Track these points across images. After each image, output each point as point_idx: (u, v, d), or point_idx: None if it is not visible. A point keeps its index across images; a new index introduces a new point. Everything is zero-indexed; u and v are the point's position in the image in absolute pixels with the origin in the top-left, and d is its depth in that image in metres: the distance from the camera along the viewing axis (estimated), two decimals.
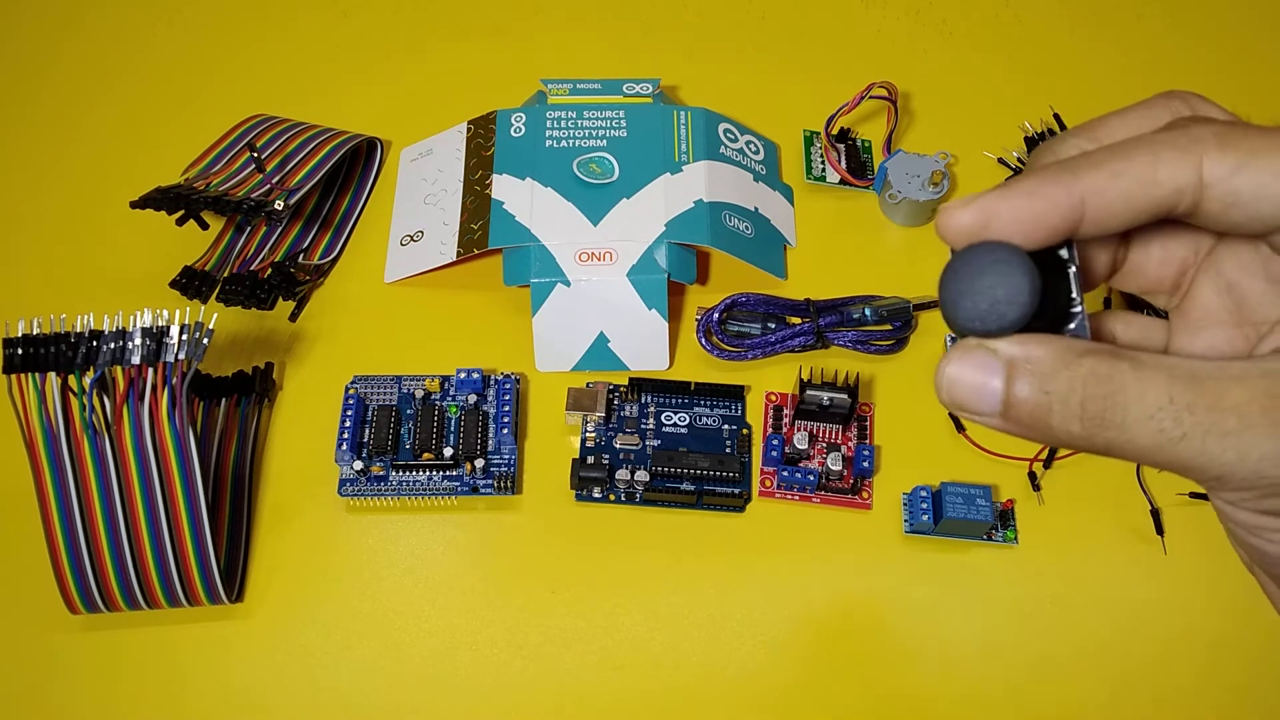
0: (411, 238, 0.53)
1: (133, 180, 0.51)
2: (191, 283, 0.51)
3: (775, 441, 0.46)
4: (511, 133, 0.53)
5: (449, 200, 0.53)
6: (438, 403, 0.47)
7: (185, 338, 0.40)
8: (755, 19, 0.63)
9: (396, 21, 0.62)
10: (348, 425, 0.46)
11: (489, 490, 0.46)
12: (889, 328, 0.50)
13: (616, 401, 0.48)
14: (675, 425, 0.48)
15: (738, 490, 0.46)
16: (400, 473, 0.46)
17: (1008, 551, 0.46)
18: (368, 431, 0.46)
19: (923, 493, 0.45)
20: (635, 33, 0.62)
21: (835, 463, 0.46)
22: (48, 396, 0.39)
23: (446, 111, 0.56)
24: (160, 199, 0.48)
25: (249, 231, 0.53)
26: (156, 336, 0.40)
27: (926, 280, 0.51)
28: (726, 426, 0.48)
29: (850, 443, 0.47)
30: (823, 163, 0.56)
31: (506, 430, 0.46)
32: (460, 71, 0.60)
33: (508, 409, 0.47)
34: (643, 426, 0.47)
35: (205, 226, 0.51)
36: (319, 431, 0.47)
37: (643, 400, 0.48)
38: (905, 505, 0.46)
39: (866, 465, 0.45)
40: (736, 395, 0.48)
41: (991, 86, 0.60)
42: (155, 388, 0.40)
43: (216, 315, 0.44)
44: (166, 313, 0.40)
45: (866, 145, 0.57)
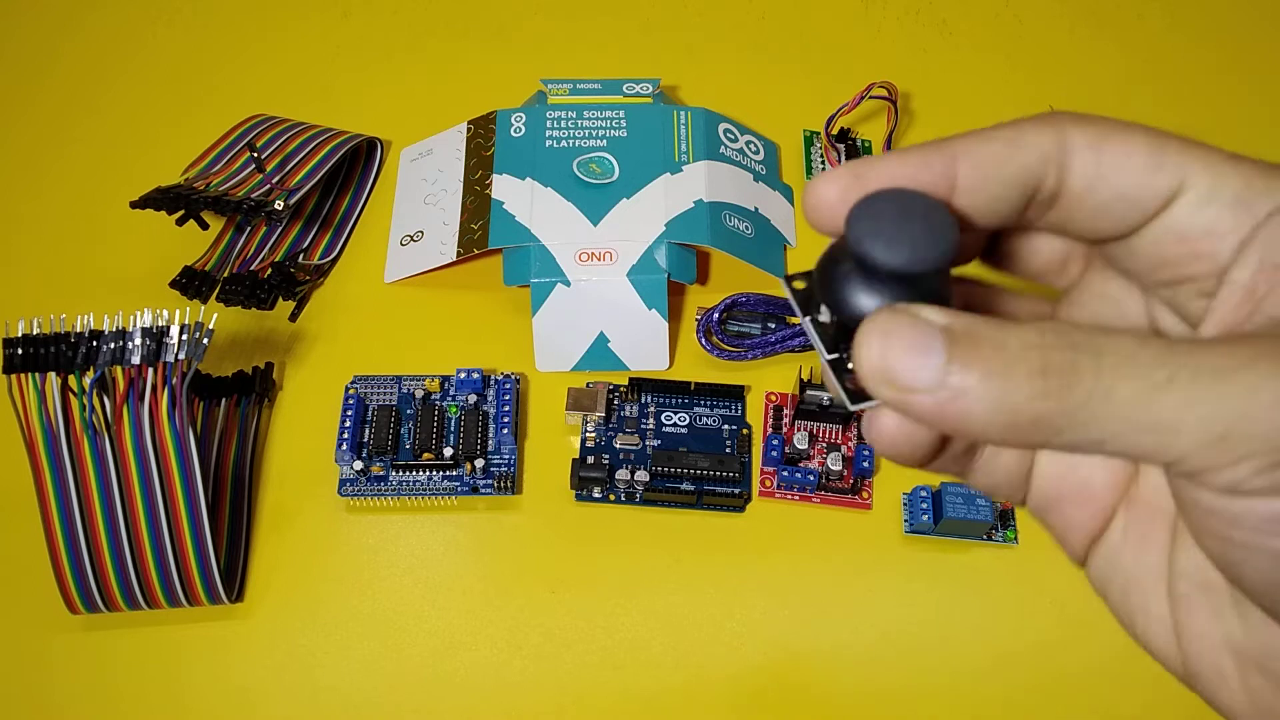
0: (411, 238, 0.53)
1: (133, 180, 0.51)
2: (191, 283, 0.51)
3: (775, 441, 0.46)
4: (511, 133, 0.53)
5: (449, 200, 0.53)
6: (438, 403, 0.47)
7: (185, 338, 0.40)
8: (755, 19, 0.63)
9: (396, 21, 0.62)
10: (348, 425, 0.46)
11: (489, 490, 0.46)
12: None
13: (616, 401, 0.48)
14: (675, 425, 0.48)
15: (738, 490, 0.46)
16: (400, 473, 0.46)
17: (1008, 551, 0.46)
18: (368, 431, 0.46)
19: (923, 493, 0.45)
20: (635, 33, 0.62)
21: (835, 463, 0.46)
22: (48, 396, 0.39)
23: (446, 111, 0.56)
24: (160, 199, 0.48)
25: (249, 231, 0.53)
26: (156, 336, 0.40)
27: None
28: (726, 426, 0.48)
29: (850, 443, 0.47)
30: (823, 163, 0.56)
31: (506, 430, 0.46)
32: (460, 71, 0.60)
33: (508, 409, 0.47)
34: (643, 426, 0.47)
35: (205, 226, 0.51)
36: (319, 431, 0.47)
37: (643, 400, 0.48)
38: (905, 505, 0.46)
39: (866, 465, 0.45)
40: (736, 395, 0.48)
41: (991, 86, 0.60)
42: (155, 388, 0.40)
43: (216, 315, 0.44)
44: (166, 313, 0.40)
45: (866, 145, 0.57)
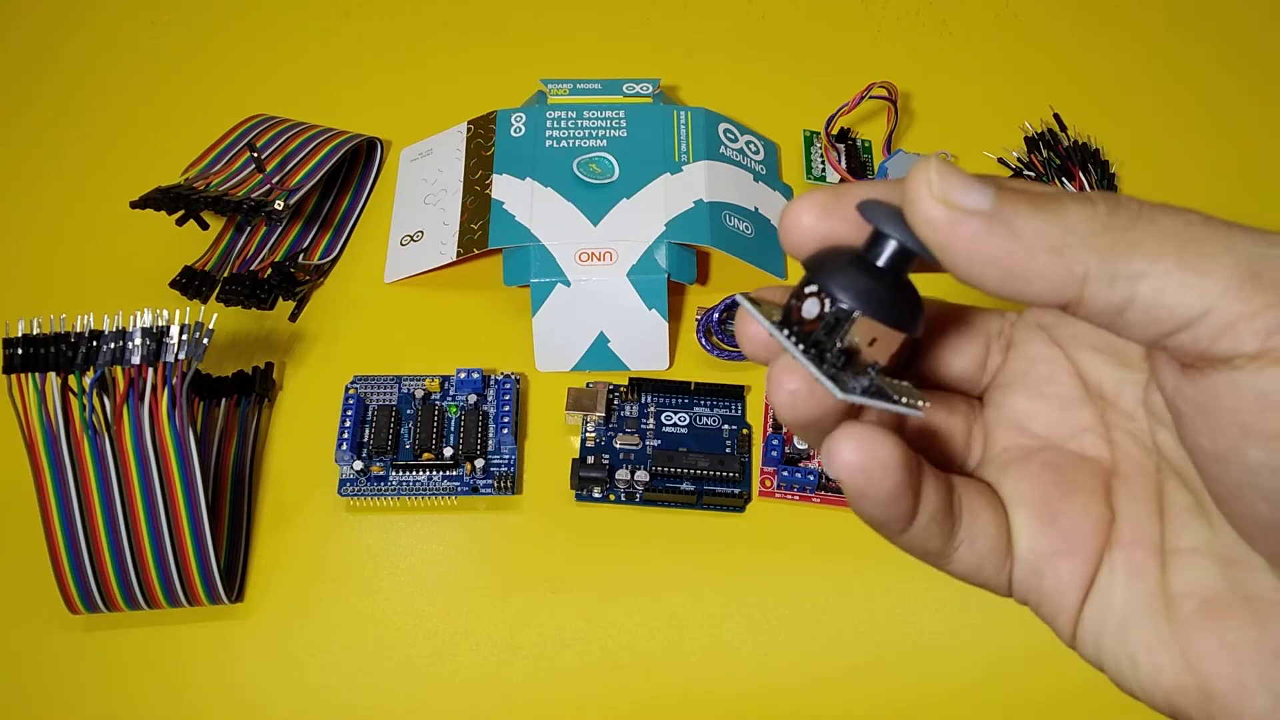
0: (411, 238, 0.53)
1: (133, 180, 0.51)
2: (191, 283, 0.51)
3: (775, 441, 0.46)
4: (511, 133, 0.53)
5: (449, 200, 0.53)
6: (438, 403, 0.47)
7: (185, 338, 0.40)
8: (755, 19, 0.63)
9: (396, 22, 0.62)
10: (348, 425, 0.46)
11: (489, 490, 0.46)
12: None
13: (616, 401, 0.48)
14: (675, 425, 0.48)
15: (738, 490, 0.46)
16: (400, 473, 0.46)
17: None
18: (368, 431, 0.46)
19: None
20: (635, 33, 0.62)
21: None
22: (48, 396, 0.39)
23: (446, 111, 0.56)
24: (160, 199, 0.48)
25: (249, 231, 0.53)
26: (156, 336, 0.40)
27: (926, 280, 0.51)
28: (726, 426, 0.48)
29: None
30: (823, 163, 0.56)
31: (506, 430, 0.46)
32: (460, 71, 0.60)
33: (508, 409, 0.47)
34: (643, 426, 0.47)
35: (205, 226, 0.51)
36: (319, 431, 0.47)
37: (643, 400, 0.48)
38: None
39: None
40: (736, 395, 0.48)
41: (991, 86, 0.60)
42: (155, 388, 0.40)
43: (216, 315, 0.44)
44: (166, 313, 0.40)
45: (866, 145, 0.57)
